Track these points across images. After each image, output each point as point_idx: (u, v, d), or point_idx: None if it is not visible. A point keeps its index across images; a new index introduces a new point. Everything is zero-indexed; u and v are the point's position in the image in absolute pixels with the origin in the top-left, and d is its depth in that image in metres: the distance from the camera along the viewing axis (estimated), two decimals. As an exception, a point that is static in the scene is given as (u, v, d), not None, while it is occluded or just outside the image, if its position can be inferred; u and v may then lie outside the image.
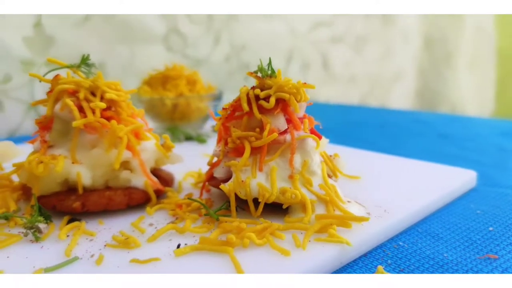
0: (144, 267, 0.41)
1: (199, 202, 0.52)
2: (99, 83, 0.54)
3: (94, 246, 0.45)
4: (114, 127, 0.51)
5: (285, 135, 0.52)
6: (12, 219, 0.50)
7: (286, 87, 0.53)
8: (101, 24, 1.20)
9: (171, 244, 0.45)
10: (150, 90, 0.96)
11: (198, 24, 1.39)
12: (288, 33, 1.66)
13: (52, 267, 0.40)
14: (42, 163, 0.51)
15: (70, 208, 0.51)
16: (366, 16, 1.92)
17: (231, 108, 0.57)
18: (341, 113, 1.38)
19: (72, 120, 0.53)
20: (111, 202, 0.52)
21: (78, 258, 0.42)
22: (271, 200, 0.50)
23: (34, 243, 0.46)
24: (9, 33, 1.06)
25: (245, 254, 0.43)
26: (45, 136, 0.55)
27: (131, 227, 0.50)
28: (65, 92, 0.53)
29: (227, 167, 0.54)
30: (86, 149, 0.53)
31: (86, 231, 0.48)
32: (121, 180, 0.54)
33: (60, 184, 0.52)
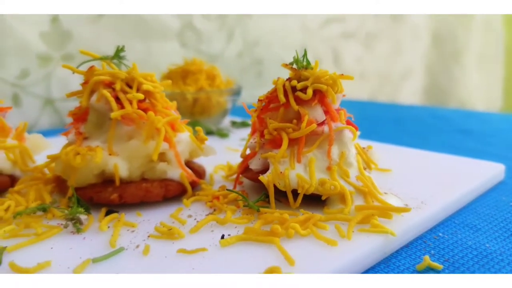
0: (192, 257, 0.40)
1: (238, 194, 0.52)
2: (135, 74, 0.53)
3: (137, 237, 0.45)
4: (152, 118, 0.51)
5: (323, 126, 0.52)
6: (50, 210, 0.50)
7: (323, 78, 0.53)
8: (117, 20, 1.19)
9: (214, 235, 0.45)
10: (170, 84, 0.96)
11: (212, 20, 1.39)
12: (300, 29, 1.66)
13: (100, 257, 0.40)
14: (79, 154, 0.51)
15: (108, 200, 0.51)
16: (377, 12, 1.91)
17: (266, 100, 0.56)
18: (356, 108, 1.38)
19: (108, 111, 0.53)
20: (148, 194, 0.52)
21: (124, 249, 0.42)
22: (310, 191, 0.50)
23: (76, 235, 0.46)
24: (27, 28, 1.05)
25: (291, 244, 0.42)
26: (80, 127, 0.55)
27: (170, 218, 0.49)
28: (101, 83, 0.53)
29: (263, 158, 0.54)
30: (122, 141, 0.53)
31: (127, 222, 0.48)
32: (157, 172, 0.53)
33: (96, 176, 0.52)
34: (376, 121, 1.28)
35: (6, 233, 0.45)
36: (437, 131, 1.15)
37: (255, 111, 0.57)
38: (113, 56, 0.57)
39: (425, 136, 1.10)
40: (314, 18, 1.69)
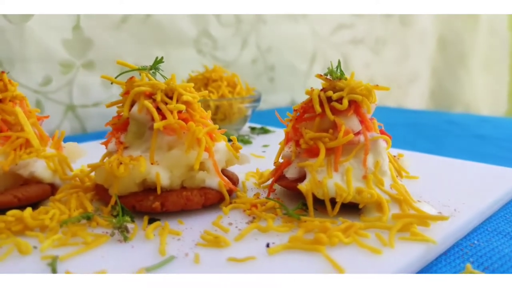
0: (242, 266, 0.42)
1: (278, 203, 0.53)
2: (175, 85, 0.55)
3: (184, 245, 0.46)
4: (193, 128, 0.52)
5: (359, 136, 0.54)
6: (94, 219, 0.51)
7: (358, 89, 0.54)
8: (137, 27, 1.21)
9: (258, 243, 0.46)
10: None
11: (227, 27, 1.41)
12: (311, 35, 1.67)
13: (153, 266, 0.41)
14: (122, 164, 0.52)
15: (150, 208, 0.52)
16: (386, 17, 1.93)
17: (301, 109, 0.58)
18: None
19: (148, 121, 0.55)
20: (189, 202, 0.53)
21: (175, 257, 0.43)
22: (348, 199, 0.51)
23: (123, 243, 0.47)
24: (50, 36, 1.07)
25: (334, 252, 0.44)
26: (120, 137, 0.56)
27: (213, 226, 0.51)
28: (142, 94, 0.54)
29: (299, 167, 0.55)
30: (163, 150, 0.54)
31: (172, 230, 0.49)
32: (196, 181, 0.55)
33: (138, 184, 0.53)
34: (388, 126, 1.30)
35: (55, 241, 0.47)
36: (451, 137, 1.17)
37: (289, 121, 0.59)
38: (151, 66, 0.58)
39: (439, 141, 1.11)
40: (325, 24, 1.70)
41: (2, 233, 0.48)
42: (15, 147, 0.55)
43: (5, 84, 0.58)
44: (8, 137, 0.55)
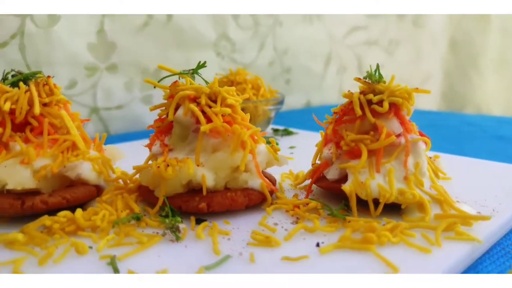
0: (296, 264, 0.43)
1: (322, 203, 0.54)
2: (219, 89, 0.56)
3: (236, 245, 0.47)
4: (238, 131, 0.53)
5: (400, 138, 0.55)
6: (143, 219, 0.52)
7: (398, 92, 0.56)
8: (158, 31, 1.22)
9: (307, 243, 0.47)
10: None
11: (245, 30, 1.42)
12: (326, 37, 1.68)
13: (212, 265, 0.42)
14: (169, 166, 0.53)
15: (196, 208, 0.54)
16: (399, 19, 1.94)
17: (340, 112, 0.59)
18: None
19: (192, 125, 0.56)
20: (233, 203, 0.54)
21: (230, 257, 0.44)
22: (390, 200, 0.52)
23: (175, 243, 0.48)
24: (75, 40, 1.09)
25: (385, 252, 0.45)
26: (164, 140, 0.57)
27: (259, 226, 0.52)
28: (186, 98, 0.56)
29: (340, 169, 0.56)
30: (207, 152, 0.55)
31: (221, 230, 0.50)
32: (239, 182, 0.56)
33: (184, 186, 0.55)
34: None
35: (110, 241, 0.48)
36: (471, 138, 1.17)
37: (328, 123, 0.60)
38: (193, 70, 0.60)
39: (460, 143, 1.12)
40: (340, 26, 1.72)
41: (55, 234, 0.49)
42: (62, 149, 0.56)
43: (50, 88, 0.59)
44: (55, 140, 0.56)
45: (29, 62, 1.03)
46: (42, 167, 0.54)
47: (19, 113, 0.55)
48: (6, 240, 0.48)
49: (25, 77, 0.58)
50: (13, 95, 0.55)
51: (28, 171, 0.53)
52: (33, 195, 0.54)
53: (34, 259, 0.45)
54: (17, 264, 0.43)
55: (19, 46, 1.01)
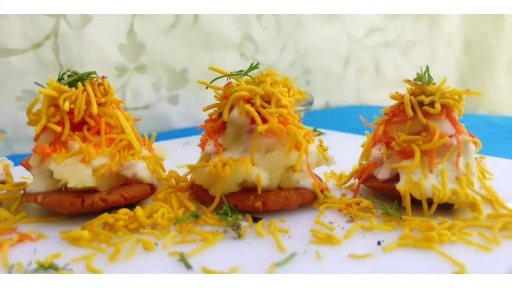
0: (361, 262, 0.44)
1: (377, 202, 0.55)
2: (272, 90, 0.57)
3: (298, 243, 0.48)
4: (293, 131, 0.54)
5: (452, 139, 0.56)
6: (201, 217, 0.53)
7: (448, 94, 0.57)
8: (185, 32, 1.24)
9: (366, 241, 0.48)
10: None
11: (268, 31, 1.43)
12: (346, 39, 1.69)
13: (281, 262, 0.43)
14: (225, 165, 0.54)
15: (251, 207, 0.55)
16: (416, 20, 1.95)
17: (390, 113, 0.60)
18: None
19: (246, 125, 0.57)
20: (288, 202, 0.55)
21: (296, 254, 0.45)
22: (444, 200, 0.53)
23: (237, 240, 0.49)
24: (106, 40, 1.10)
25: (447, 250, 0.45)
26: (218, 139, 0.58)
27: (316, 225, 0.53)
28: (241, 98, 0.57)
29: (391, 169, 0.57)
30: (261, 152, 0.56)
31: (280, 228, 0.51)
32: (292, 181, 0.57)
33: (238, 185, 0.56)
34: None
35: (174, 238, 0.49)
36: (498, 139, 1.18)
37: (379, 124, 0.61)
38: (245, 72, 0.61)
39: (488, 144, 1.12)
40: (358, 27, 1.73)
41: (118, 231, 0.50)
42: (119, 149, 0.57)
43: (105, 88, 0.60)
44: (111, 139, 0.58)
45: (62, 63, 1.05)
46: (101, 166, 0.55)
47: (78, 112, 0.56)
48: (71, 237, 0.49)
49: (80, 77, 0.59)
50: (72, 95, 0.56)
51: (89, 169, 0.54)
52: (90, 193, 0.55)
53: (102, 255, 0.46)
54: (89, 260, 0.44)
55: (53, 46, 1.02)
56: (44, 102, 0.56)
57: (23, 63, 0.99)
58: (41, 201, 0.54)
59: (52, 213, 0.57)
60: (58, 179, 0.54)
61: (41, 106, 0.56)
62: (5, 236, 0.51)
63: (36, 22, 0.99)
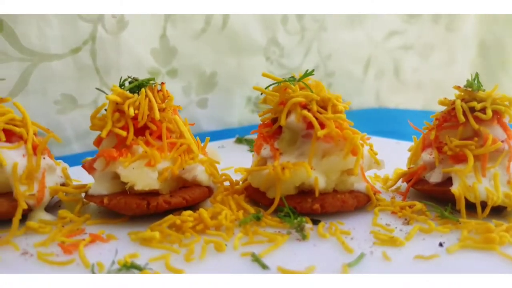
0: (428, 263, 0.46)
1: (432, 205, 0.57)
2: (328, 95, 0.59)
3: (362, 244, 0.50)
4: (351, 136, 0.56)
5: (504, 144, 0.57)
6: (263, 219, 0.55)
7: (499, 99, 0.58)
8: (215, 37, 1.26)
9: (427, 243, 0.50)
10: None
11: (293, 35, 1.45)
12: (367, 42, 1.71)
13: (352, 262, 0.45)
14: (284, 169, 0.56)
15: (310, 209, 0.57)
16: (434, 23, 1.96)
17: (441, 119, 0.62)
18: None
19: (303, 130, 0.59)
20: (344, 204, 0.57)
21: (365, 255, 0.47)
22: (498, 203, 0.55)
23: (302, 242, 0.51)
24: (141, 45, 1.12)
25: (506, 251, 0.47)
26: (274, 144, 0.60)
27: (374, 227, 0.55)
28: (297, 104, 0.59)
29: (443, 173, 0.59)
30: (317, 156, 0.58)
31: (342, 230, 0.53)
32: (347, 184, 0.59)
33: (295, 188, 0.58)
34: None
35: (241, 239, 0.51)
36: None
37: (427, 129, 0.63)
38: (300, 78, 0.63)
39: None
40: (379, 30, 1.74)
41: (186, 232, 0.52)
42: (180, 153, 0.59)
43: (164, 94, 0.62)
44: (172, 144, 0.60)
45: (99, 67, 1.07)
46: (164, 169, 0.57)
47: (141, 118, 0.58)
48: (142, 238, 0.51)
49: (140, 84, 0.61)
50: (135, 101, 0.58)
51: (155, 173, 0.56)
52: (153, 195, 0.57)
53: (176, 256, 0.48)
54: (166, 260, 0.46)
55: (90, 51, 1.05)
56: (109, 107, 0.58)
57: (62, 68, 1.02)
58: (108, 203, 0.56)
59: (112, 215, 0.59)
60: (125, 182, 0.56)
61: (107, 112, 0.58)
62: (76, 237, 0.53)
63: (75, 28, 1.01)
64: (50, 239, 0.52)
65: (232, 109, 1.38)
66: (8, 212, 0.56)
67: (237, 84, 1.36)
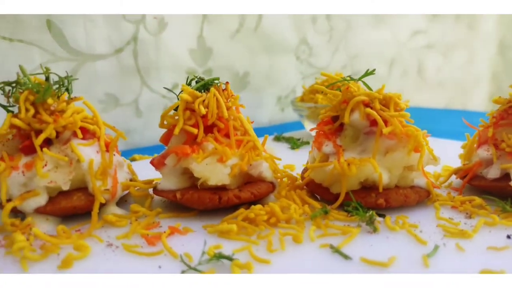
0: (502, 254, 0.48)
1: (492, 200, 0.59)
2: (390, 94, 0.61)
3: (433, 236, 0.52)
4: (414, 133, 0.58)
5: (561, 140, 0.59)
6: (330, 213, 0.58)
7: (556, 98, 0.60)
8: (248, 37, 1.28)
9: (494, 235, 0.52)
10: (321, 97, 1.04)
11: (322, 35, 1.47)
12: (392, 41, 1.73)
13: (431, 253, 0.47)
14: (350, 165, 0.58)
15: (374, 204, 0.59)
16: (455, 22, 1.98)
17: (498, 116, 0.64)
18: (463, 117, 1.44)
19: (365, 127, 0.61)
20: (407, 199, 0.59)
21: (439, 246, 0.49)
22: (555, 197, 0.57)
23: (373, 234, 0.53)
24: (179, 45, 1.15)
25: None
26: (336, 141, 0.63)
27: (440, 220, 0.57)
28: (360, 102, 0.61)
29: (502, 169, 0.61)
30: (380, 153, 0.60)
31: (410, 223, 0.55)
32: (408, 180, 0.61)
33: (359, 183, 0.60)
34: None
35: (315, 232, 0.53)
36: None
37: (486, 127, 0.65)
38: (359, 78, 0.65)
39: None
40: (403, 30, 1.76)
41: (260, 225, 0.55)
42: (247, 150, 0.61)
43: (228, 93, 0.65)
44: (239, 141, 0.62)
45: (140, 67, 1.10)
46: (233, 165, 0.59)
47: (211, 116, 0.60)
48: (220, 230, 0.54)
49: (206, 83, 0.64)
50: (204, 100, 0.61)
51: (228, 169, 0.58)
52: (222, 190, 0.60)
53: (256, 247, 0.50)
54: (250, 250, 0.49)
55: (132, 51, 1.07)
56: (181, 106, 0.60)
57: (106, 68, 1.05)
58: (180, 198, 0.59)
59: (179, 208, 0.61)
60: (198, 177, 0.58)
61: (178, 110, 0.60)
62: (154, 230, 0.56)
63: (119, 29, 1.04)
64: (131, 231, 0.54)
65: (262, 108, 1.40)
66: (86, 206, 0.58)
67: (268, 83, 1.38)
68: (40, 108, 0.58)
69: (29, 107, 0.57)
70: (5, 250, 0.51)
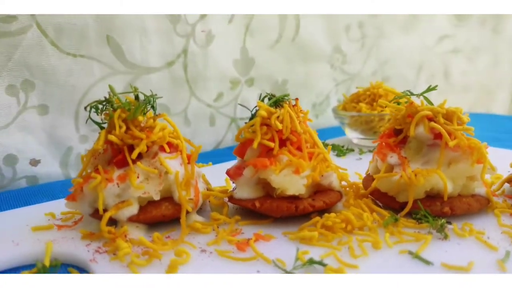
0: None
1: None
2: (451, 109, 0.65)
3: (502, 242, 0.56)
4: (478, 146, 0.63)
5: None
6: (400, 221, 0.62)
7: None
8: (286, 47, 1.33)
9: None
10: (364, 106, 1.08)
11: (354, 42, 1.51)
12: (420, 47, 1.76)
13: (504, 258, 0.52)
14: (416, 175, 0.63)
15: (440, 212, 0.63)
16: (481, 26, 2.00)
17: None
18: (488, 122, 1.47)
19: (429, 140, 0.66)
20: (470, 207, 0.64)
21: (510, 252, 0.54)
22: None
23: (445, 241, 0.57)
24: (225, 57, 1.20)
25: None
26: (401, 152, 0.67)
27: (502, 227, 0.61)
28: (424, 117, 0.65)
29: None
30: (444, 164, 0.65)
31: (477, 231, 0.59)
32: (469, 189, 0.65)
33: (424, 192, 0.64)
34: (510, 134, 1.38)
35: (389, 238, 0.58)
36: None
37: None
38: (421, 93, 0.69)
39: None
40: (431, 35, 1.80)
41: (337, 232, 0.60)
42: (318, 161, 0.66)
43: (298, 108, 0.69)
44: (311, 153, 0.67)
45: (189, 78, 1.15)
46: (307, 176, 0.64)
47: (285, 130, 0.65)
48: (301, 237, 0.58)
49: (278, 99, 0.69)
50: (279, 115, 0.66)
51: (303, 180, 0.63)
52: (297, 199, 0.64)
53: (339, 253, 0.55)
54: (335, 256, 0.53)
55: (183, 64, 1.13)
56: (257, 121, 0.65)
57: (159, 80, 1.10)
58: (260, 206, 0.64)
59: (257, 216, 0.66)
60: (277, 187, 0.63)
61: (255, 125, 0.65)
62: (238, 236, 0.61)
63: (171, 42, 1.09)
64: (220, 238, 0.59)
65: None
66: (173, 214, 0.63)
67: (304, 90, 1.43)
68: (130, 124, 0.63)
69: (121, 124, 0.63)
70: (109, 256, 0.56)
